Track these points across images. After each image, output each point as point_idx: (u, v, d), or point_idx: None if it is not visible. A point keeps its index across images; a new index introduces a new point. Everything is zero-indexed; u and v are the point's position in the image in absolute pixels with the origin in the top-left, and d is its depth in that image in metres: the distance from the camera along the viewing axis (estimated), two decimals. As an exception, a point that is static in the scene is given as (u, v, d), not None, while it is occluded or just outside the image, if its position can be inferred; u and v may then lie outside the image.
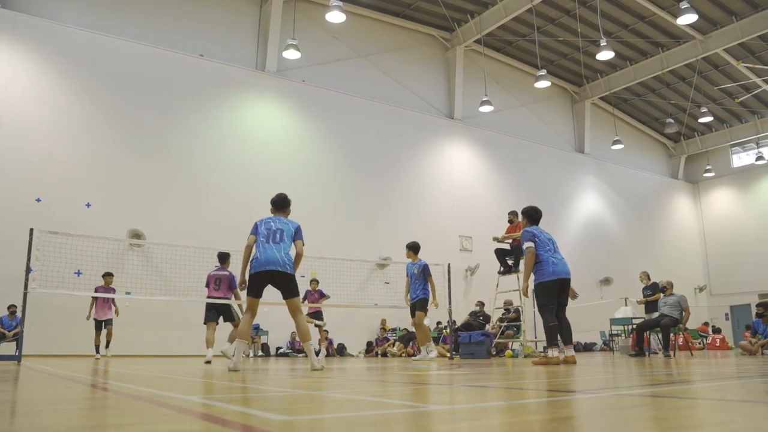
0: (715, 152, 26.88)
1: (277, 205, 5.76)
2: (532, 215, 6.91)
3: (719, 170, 26.62)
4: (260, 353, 13.99)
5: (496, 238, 10.81)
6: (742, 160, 26.62)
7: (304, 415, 2.05)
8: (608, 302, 17.39)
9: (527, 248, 6.57)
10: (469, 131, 20.01)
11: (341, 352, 15.25)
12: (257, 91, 16.04)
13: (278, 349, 14.79)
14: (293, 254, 5.49)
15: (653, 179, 26.34)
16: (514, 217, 10.45)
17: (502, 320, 11.95)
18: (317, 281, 11.94)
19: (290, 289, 5.41)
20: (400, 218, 17.41)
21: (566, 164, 22.79)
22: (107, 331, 10.97)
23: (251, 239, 5.50)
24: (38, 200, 12.43)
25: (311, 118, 16.80)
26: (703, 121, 22.07)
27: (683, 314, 10.16)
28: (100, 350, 10.97)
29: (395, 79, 18.86)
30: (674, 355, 10.12)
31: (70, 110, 13.31)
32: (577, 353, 7.37)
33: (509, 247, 10.79)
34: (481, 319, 12.32)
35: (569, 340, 6.43)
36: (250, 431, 1.58)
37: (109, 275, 11.10)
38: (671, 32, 19.33)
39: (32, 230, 8.74)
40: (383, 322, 16.32)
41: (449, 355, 11.16)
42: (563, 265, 6.52)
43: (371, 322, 16.30)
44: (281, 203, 5.77)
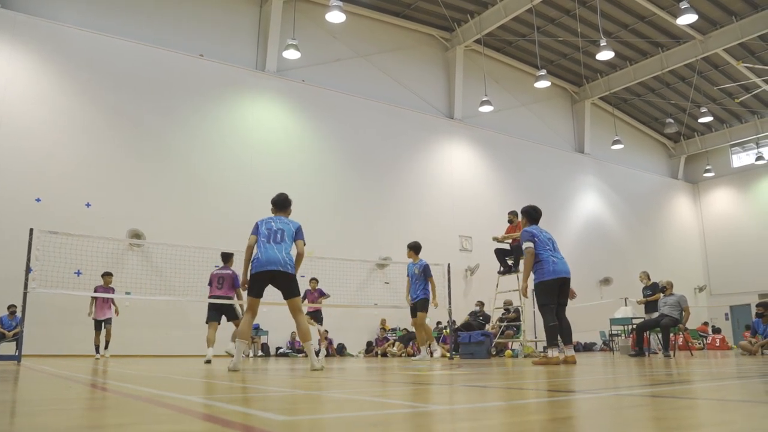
0: (714, 152, 26.88)
1: (277, 204, 5.75)
2: (531, 215, 6.90)
3: (719, 170, 26.63)
4: (260, 353, 13.99)
5: (495, 238, 10.82)
6: (741, 160, 26.62)
7: (304, 415, 2.05)
8: (608, 302, 17.40)
9: (526, 248, 6.56)
10: (469, 131, 20.01)
11: (341, 352, 15.25)
12: (257, 91, 16.05)
13: (278, 349, 14.79)
14: (294, 254, 5.49)
15: (653, 179, 26.34)
16: (513, 217, 10.45)
17: (501, 320, 11.95)
18: (317, 280, 11.95)
19: (291, 289, 5.41)
20: (400, 218, 17.41)
21: (566, 164, 22.80)
22: (106, 331, 10.99)
23: (252, 239, 5.49)
24: (38, 200, 12.44)
25: (311, 118, 16.80)
26: (702, 121, 22.07)
27: (683, 314, 10.16)
28: (99, 350, 10.98)
29: (395, 79, 18.86)
30: (674, 355, 10.12)
31: (70, 110, 13.31)
32: (576, 353, 7.37)
33: (509, 247, 10.80)
34: (480, 319, 12.33)
35: (569, 340, 6.42)
36: (250, 431, 1.58)
37: (108, 275, 11.13)
38: (671, 32, 19.34)
39: (32, 230, 8.75)
40: (383, 322, 16.33)
41: (449, 355, 11.16)
42: (563, 264, 6.51)
43: (371, 322, 16.31)
44: (282, 203, 5.76)
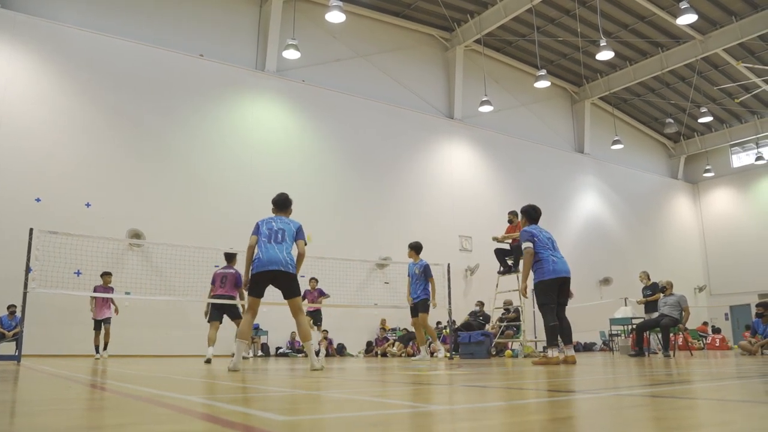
0: (714, 152, 26.88)
1: (278, 204, 5.75)
2: (531, 214, 6.90)
3: (719, 170, 26.63)
4: (260, 353, 13.99)
5: (495, 238, 10.83)
6: (741, 160, 26.61)
7: (304, 415, 2.05)
8: (608, 302, 17.40)
9: (525, 248, 6.55)
10: (468, 131, 20.01)
11: (341, 352, 15.25)
12: (257, 91, 16.04)
13: (278, 349, 14.79)
14: (295, 254, 5.49)
15: (653, 179, 26.34)
16: (513, 216, 10.46)
17: (501, 320, 11.96)
18: (316, 280, 11.95)
19: (292, 289, 5.41)
20: (400, 218, 17.41)
21: (566, 164, 22.80)
22: (105, 331, 10.96)
23: (253, 239, 5.49)
24: (38, 200, 12.43)
25: (311, 118, 16.80)
26: (702, 121, 22.07)
27: (683, 314, 10.16)
28: (99, 350, 10.97)
29: (395, 79, 18.86)
30: (674, 355, 10.12)
31: (70, 110, 13.31)
32: (576, 353, 7.36)
33: (509, 247, 10.80)
34: (480, 319, 12.33)
35: (569, 339, 6.42)
36: (250, 431, 1.58)
37: (107, 274, 11.11)
38: (671, 32, 19.34)
39: (32, 230, 8.75)
40: (383, 322, 16.32)
41: (449, 355, 11.16)
42: (563, 263, 6.50)
43: (371, 322, 16.30)
44: (282, 203, 5.76)
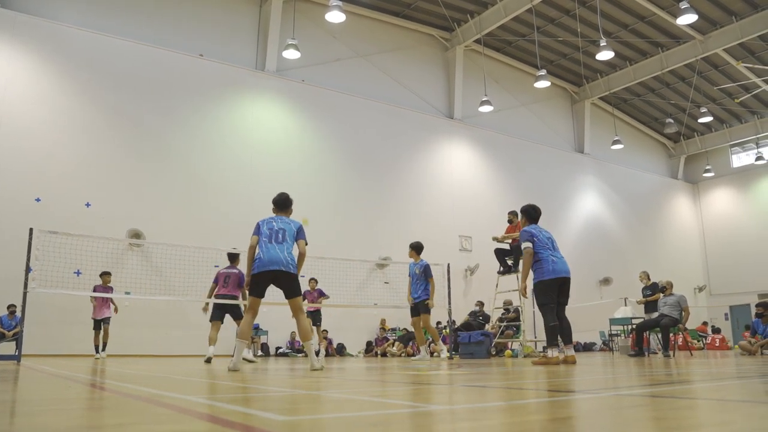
0: (714, 152, 26.88)
1: (278, 204, 5.74)
2: (530, 214, 6.90)
3: (719, 170, 26.63)
4: (260, 353, 13.99)
5: (495, 237, 10.83)
6: (741, 160, 26.61)
7: (304, 415, 2.05)
8: (608, 302, 17.41)
9: (525, 248, 6.54)
10: (468, 131, 20.01)
11: (341, 352, 15.25)
12: (257, 90, 16.04)
13: (278, 348, 14.79)
14: (296, 254, 5.49)
15: (653, 179, 26.34)
16: (513, 216, 10.46)
17: (501, 320, 11.96)
18: (316, 280, 11.94)
19: (293, 288, 5.41)
20: (400, 218, 17.41)
21: (566, 164, 22.80)
22: (104, 331, 10.92)
23: (254, 239, 5.48)
24: (38, 200, 12.43)
25: (311, 118, 16.80)
26: (702, 121, 22.07)
27: (683, 314, 10.16)
28: (99, 350, 10.96)
29: (395, 79, 18.86)
30: (674, 355, 10.12)
31: (70, 110, 13.31)
32: (576, 353, 7.36)
33: (509, 247, 10.80)
34: (480, 319, 12.33)
35: (569, 339, 6.42)
36: (250, 431, 1.58)
37: (106, 274, 11.09)
38: (671, 32, 19.34)
39: (32, 230, 8.76)
40: (383, 321, 16.32)
41: (449, 354, 11.16)
42: (563, 263, 6.50)
43: (371, 322, 16.30)
44: (283, 203, 5.75)
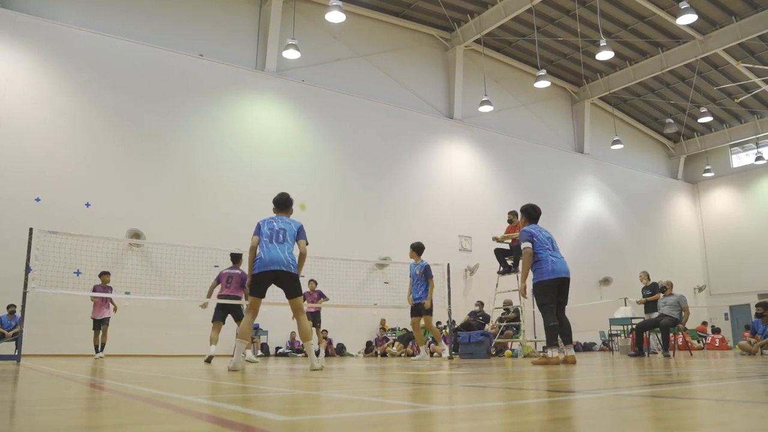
0: (714, 152, 26.89)
1: (279, 204, 5.74)
2: (530, 213, 6.90)
3: (719, 170, 26.63)
4: (260, 353, 13.98)
5: (495, 237, 10.83)
6: (741, 160, 26.62)
7: (304, 415, 2.05)
8: (608, 302, 17.41)
9: (524, 248, 6.54)
10: (468, 131, 20.01)
11: (340, 352, 15.25)
12: (257, 90, 16.04)
13: (278, 348, 14.79)
14: (297, 254, 5.49)
15: (653, 179, 26.34)
16: (513, 216, 10.46)
17: (501, 320, 11.96)
18: (315, 282, 11.94)
19: (294, 288, 5.41)
20: (399, 218, 17.41)
21: (566, 164, 22.79)
22: (102, 331, 10.88)
23: (255, 240, 5.47)
24: (38, 200, 12.43)
25: (311, 118, 16.80)
26: (702, 121, 22.08)
27: (683, 314, 10.16)
28: (98, 350, 10.95)
29: (395, 79, 18.86)
30: (674, 355, 10.12)
31: (70, 110, 13.31)
32: (576, 353, 7.36)
33: (509, 247, 10.80)
34: (480, 319, 12.33)
35: (569, 339, 6.42)
36: (250, 431, 1.58)
37: (105, 274, 11.07)
38: (671, 32, 19.34)
39: (32, 230, 8.75)
40: (383, 321, 16.32)
41: (449, 355, 11.16)
42: (562, 263, 6.50)
43: (371, 322, 16.30)
44: (283, 203, 5.75)
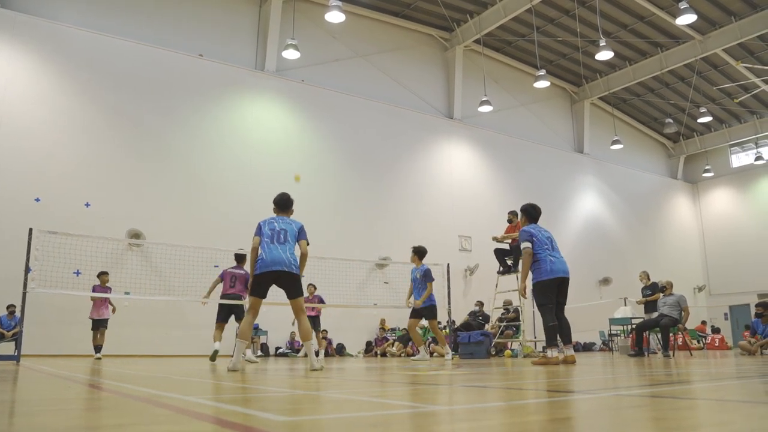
0: (714, 152, 26.89)
1: (279, 205, 5.73)
2: (530, 213, 6.90)
3: (718, 170, 26.64)
4: (260, 353, 13.98)
5: (495, 237, 10.83)
6: (741, 160, 26.62)
7: (304, 415, 2.05)
8: (607, 302, 17.42)
9: (524, 248, 6.55)
10: (468, 131, 20.01)
11: (340, 352, 15.25)
12: (257, 90, 16.04)
13: (277, 349, 14.79)
14: (298, 254, 5.49)
15: (652, 179, 26.35)
16: (513, 216, 10.46)
17: (501, 320, 11.96)
18: (314, 286, 11.92)
19: (295, 289, 5.41)
20: (399, 218, 17.41)
21: (565, 164, 22.80)
22: (100, 333, 10.81)
23: (256, 241, 5.46)
24: (37, 200, 12.43)
25: (311, 118, 16.79)
26: (702, 121, 22.09)
27: (683, 314, 10.16)
28: (98, 350, 10.93)
29: (395, 79, 18.86)
30: (673, 355, 10.12)
31: (70, 110, 13.30)
32: (576, 353, 7.37)
33: (508, 247, 10.80)
34: (480, 319, 12.33)
35: (568, 339, 6.42)
36: (250, 431, 1.58)
37: (104, 274, 11.04)
38: (670, 32, 19.34)
39: (31, 230, 8.75)
40: (382, 322, 16.32)
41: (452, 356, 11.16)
42: (561, 263, 6.50)
43: (370, 322, 16.30)
44: (284, 203, 5.74)
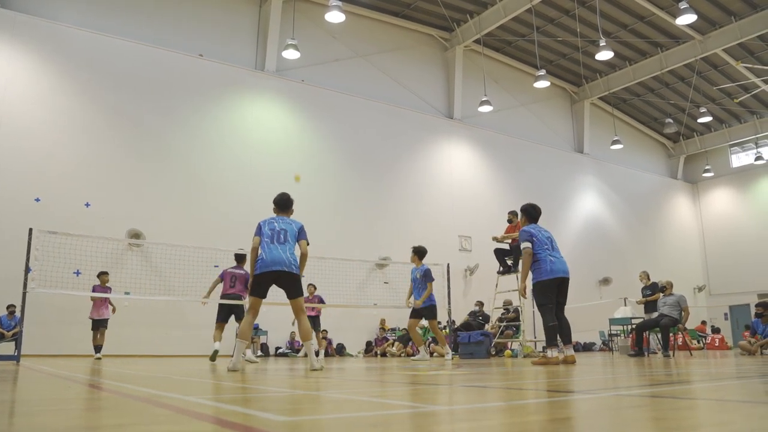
0: (714, 152, 26.89)
1: (279, 205, 5.73)
2: (530, 213, 6.90)
3: (718, 170, 26.64)
4: (259, 353, 13.98)
5: (495, 237, 10.83)
6: (741, 160, 26.62)
7: (304, 415, 2.05)
8: (607, 302, 17.42)
9: (524, 248, 6.55)
10: (468, 131, 20.01)
11: (340, 352, 15.25)
12: (257, 90, 16.04)
13: (277, 349, 14.79)
14: (298, 254, 5.49)
15: (652, 179, 26.35)
16: (513, 216, 10.46)
17: (501, 320, 11.96)
18: (314, 286, 11.92)
19: (296, 289, 5.41)
20: (399, 218, 17.41)
21: (565, 164, 22.79)
22: (100, 333, 10.81)
23: (256, 241, 5.46)
24: (37, 200, 12.43)
25: (311, 118, 16.79)
26: (702, 121, 22.09)
27: (683, 314, 10.16)
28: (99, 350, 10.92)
29: (395, 79, 18.86)
30: (673, 355, 10.12)
31: (70, 110, 13.30)
32: (576, 353, 7.37)
33: (508, 247, 10.80)
34: (480, 319, 12.33)
35: (568, 339, 6.42)
36: (250, 431, 1.58)
37: (104, 274, 11.04)
38: (670, 32, 19.34)
39: (31, 230, 8.75)
40: (382, 322, 16.32)
41: (452, 356, 11.16)
42: (561, 263, 6.50)
43: (370, 322, 16.30)
44: (284, 203, 5.74)
